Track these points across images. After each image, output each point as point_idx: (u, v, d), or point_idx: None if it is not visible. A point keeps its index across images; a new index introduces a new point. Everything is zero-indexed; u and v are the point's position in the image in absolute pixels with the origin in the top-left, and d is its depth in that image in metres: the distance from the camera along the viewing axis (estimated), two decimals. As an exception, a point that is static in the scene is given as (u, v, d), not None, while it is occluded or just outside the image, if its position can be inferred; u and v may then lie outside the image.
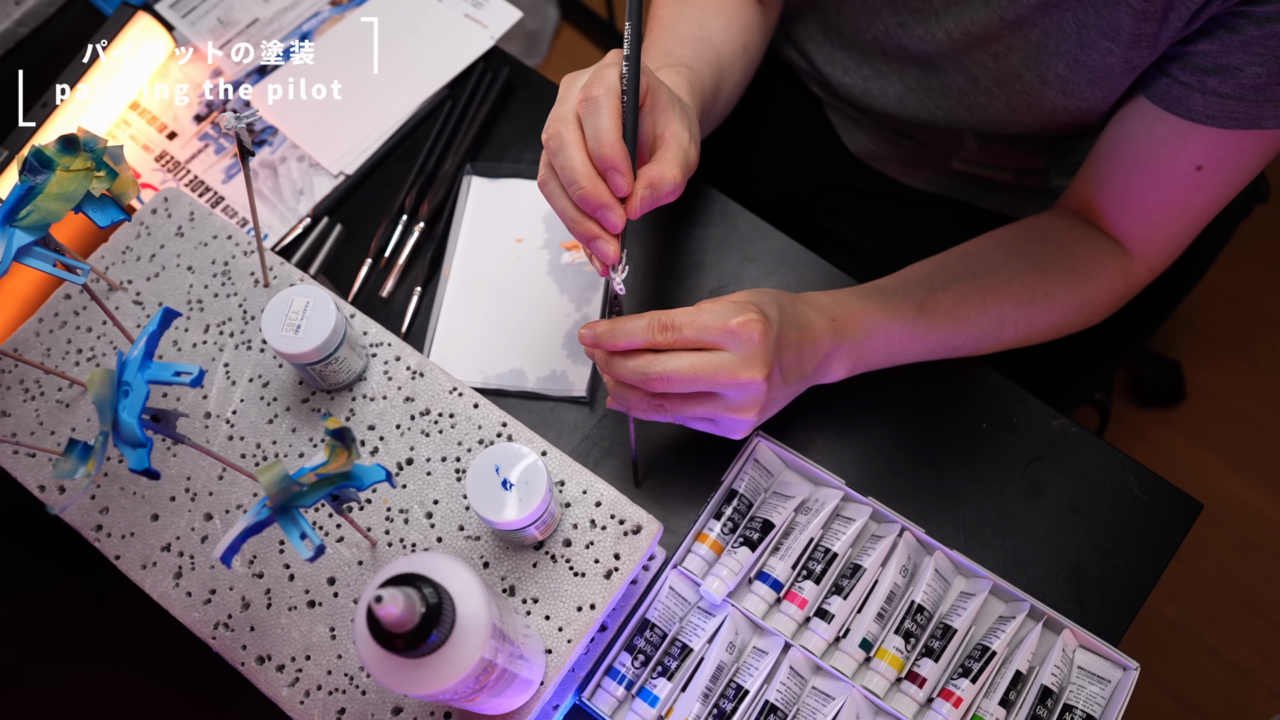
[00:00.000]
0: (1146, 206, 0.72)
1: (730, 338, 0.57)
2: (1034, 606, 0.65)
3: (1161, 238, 0.73)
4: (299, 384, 0.66)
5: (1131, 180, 0.71)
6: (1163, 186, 0.70)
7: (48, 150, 0.51)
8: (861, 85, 0.87)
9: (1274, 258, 1.61)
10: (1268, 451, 1.54)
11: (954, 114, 0.82)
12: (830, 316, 0.65)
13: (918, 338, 0.69)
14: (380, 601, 0.38)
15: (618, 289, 0.57)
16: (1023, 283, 0.72)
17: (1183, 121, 0.65)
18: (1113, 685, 0.65)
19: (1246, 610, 1.45)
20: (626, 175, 0.55)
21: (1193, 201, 0.70)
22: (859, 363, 0.68)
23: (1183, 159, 0.67)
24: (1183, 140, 0.67)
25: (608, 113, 0.54)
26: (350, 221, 0.83)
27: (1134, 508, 0.70)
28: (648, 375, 0.58)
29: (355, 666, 0.59)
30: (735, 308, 0.58)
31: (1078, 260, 0.73)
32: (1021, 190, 0.93)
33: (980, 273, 0.71)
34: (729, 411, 0.61)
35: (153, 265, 0.71)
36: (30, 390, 0.68)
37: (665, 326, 0.57)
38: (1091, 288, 0.73)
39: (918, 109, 0.84)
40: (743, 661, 0.67)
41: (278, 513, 0.44)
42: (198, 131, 0.87)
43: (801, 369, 0.64)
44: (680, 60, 0.71)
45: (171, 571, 0.62)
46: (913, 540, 0.68)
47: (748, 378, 0.58)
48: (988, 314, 0.71)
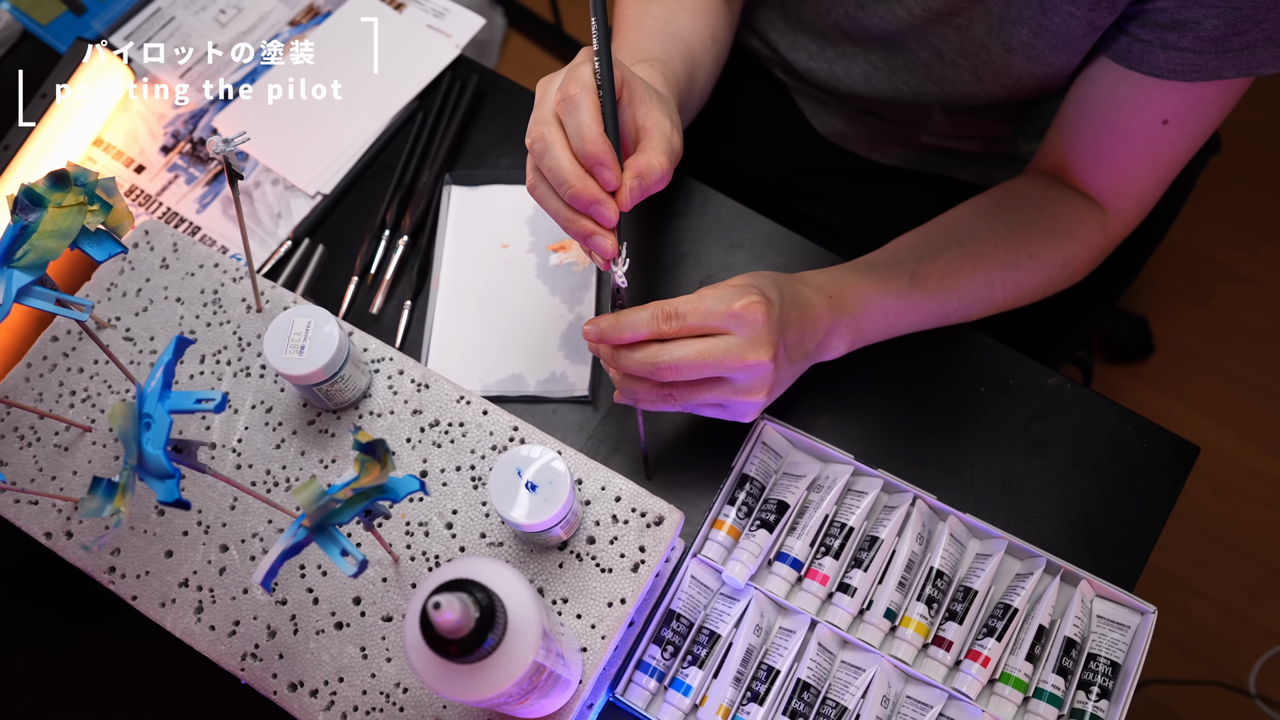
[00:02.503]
0: (1117, 163, 0.74)
1: (734, 321, 0.58)
2: (1050, 561, 0.67)
3: (1134, 193, 0.75)
4: (303, 406, 0.65)
5: (1100, 139, 0.73)
6: (1131, 143, 0.72)
7: (37, 188, 0.50)
8: (827, 69, 0.88)
9: (1223, 207, 1.66)
10: (1236, 396, 1.58)
11: (922, 88, 0.83)
12: (827, 294, 0.66)
13: (912, 308, 0.70)
14: (438, 608, 0.38)
15: (620, 282, 0.57)
16: (1008, 246, 0.73)
17: (1146, 78, 0.67)
18: (1132, 630, 0.66)
19: (1230, 552, 1.49)
20: (614, 168, 0.55)
21: (1161, 155, 0.72)
22: (858, 337, 0.69)
23: (1148, 114, 0.69)
24: (1147, 96, 0.68)
25: (587, 109, 0.54)
26: (332, 241, 0.82)
27: (1134, 456, 0.72)
28: (655, 365, 0.58)
29: (391, 684, 0.58)
30: (737, 291, 0.59)
31: (1057, 220, 0.75)
32: (990, 159, 0.94)
33: (966, 239, 0.73)
34: (738, 395, 0.61)
35: (140, 300, 0.70)
36: (25, 436, 0.66)
37: (669, 315, 0.58)
38: (1073, 246, 0.75)
39: (885, 87, 0.85)
40: (771, 643, 0.67)
41: (315, 532, 0.44)
42: (166, 163, 0.86)
43: (804, 347, 0.65)
44: (651, 55, 0.71)
45: (192, 607, 0.61)
46: (925, 508, 0.69)
47: (755, 359, 0.58)
48: (977, 279, 0.72)
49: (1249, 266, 1.66)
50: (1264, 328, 1.63)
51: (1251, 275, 1.65)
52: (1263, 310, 1.63)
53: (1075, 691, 0.64)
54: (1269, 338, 1.62)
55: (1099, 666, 0.64)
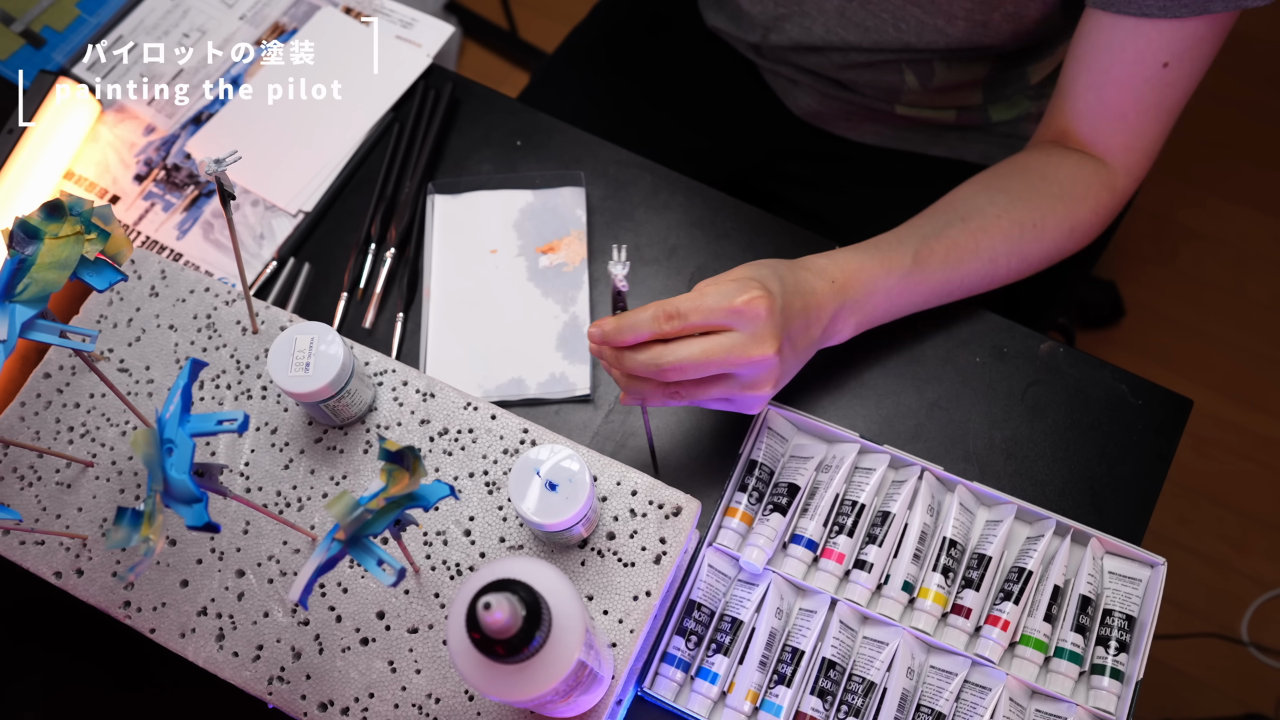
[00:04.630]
0: (1125, 115, 0.73)
1: (737, 317, 0.57)
2: (1059, 522, 0.68)
3: (1143, 144, 0.75)
4: (308, 424, 0.65)
5: (1104, 94, 0.73)
6: (1135, 91, 0.72)
7: (32, 220, 0.49)
8: (797, 9, 0.87)
9: (1177, 167, 1.69)
10: (1206, 353, 1.62)
11: (900, 12, 0.82)
12: (830, 278, 0.66)
13: (915, 287, 0.70)
14: (489, 608, 0.37)
15: (620, 286, 0.56)
16: (1010, 218, 0.73)
17: (1140, 21, 0.67)
18: (1144, 583, 0.67)
19: (1213, 505, 1.52)
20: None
21: (1164, 99, 0.72)
22: (863, 319, 0.69)
23: (1148, 59, 0.69)
24: (1145, 40, 0.69)
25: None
26: (318, 259, 0.82)
27: (1130, 414, 0.73)
28: (660, 366, 0.57)
29: (423, 695, 0.58)
30: (738, 286, 0.58)
31: (1061, 185, 0.74)
32: (964, 130, 0.96)
33: (969, 216, 0.72)
34: (744, 389, 0.61)
35: (131, 330, 0.69)
36: (25, 477, 0.65)
37: (671, 315, 0.57)
38: (1079, 209, 0.74)
39: (862, 16, 0.84)
40: (793, 624, 0.68)
41: (349, 544, 0.43)
42: (141, 191, 0.85)
43: (809, 335, 0.65)
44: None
45: (212, 635, 0.60)
46: (933, 479, 0.70)
47: (760, 354, 0.58)
48: (980, 256, 0.72)
49: (1209, 225, 1.70)
50: (1228, 284, 1.67)
51: (1212, 233, 1.69)
52: (1226, 267, 1.67)
53: (1094, 647, 0.65)
54: (1234, 293, 1.66)
55: (1115, 621, 0.66)
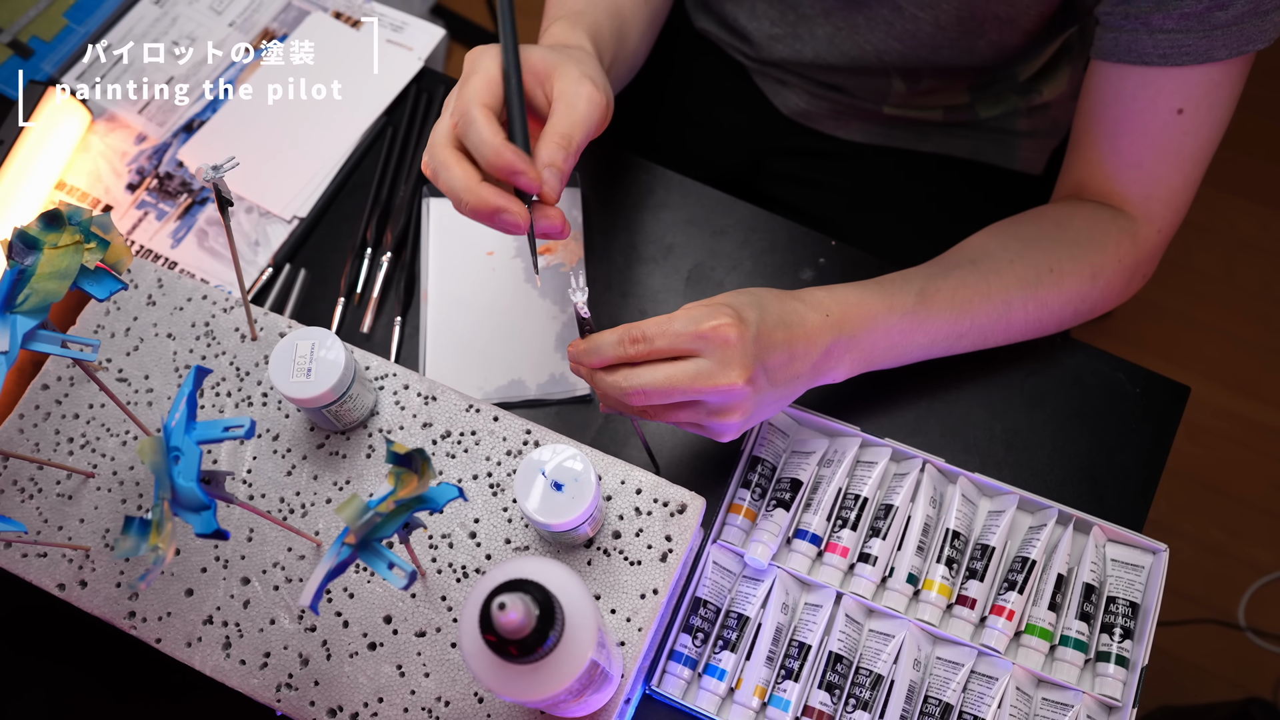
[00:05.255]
0: (1141, 164, 0.71)
1: (703, 343, 0.55)
2: (1060, 511, 0.68)
3: (1163, 193, 0.72)
4: (310, 430, 0.65)
5: (1118, 144, 0.71)
6: (1150, 139, 0.70)
7: (31, 230, 0.49)
8: (790, 32, 0.88)
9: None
10: (1197, 340, 1.63)
11: (884, 45, 0.83)
12: (825, 311, 0.63)
13: (919, 327, 0.67)
14: (503, 608, 0.37)
15: (582, 313, 0.56)
16: (1025, 262, 0.70)
17: (1146, 70, 0.66)
18: (1146, 570, 0.68)
19: (1207, 491, 1.53)
20: (528, 171, 0.55)
21: (1184, 148, 0.70)
22: (861, 358, 0.66)
23: (1160, 106, 0.68)
24: (1155, 88, 0.67)
25: (482, 123, 0.55)
26: (313, 264, 0.81)
27: (1129, 402, 0.74)
28: (623, 390, 0.56)
29: (432, 698, 0.58)
30: (708, 312, 0.56)
31: (1078, 231, 0.72)
32: (951, 127, 0.96)
33: (980, 260, 0.70)
34: (712, 417, 0.59)
35: (129, 340, 0.68)
36: (26, 489, 0.65)
37: (635, 339, 0.56)
38: (1099, 255, 0.71)
39: (847, 46, 0.85)
40: (799, 619, 0.68)
41: (359, 548, 0.43)
42: (134, 200, 0.84)
43: (793, 369, 0.61)
44: (572, 10, 0.69)
45: (219, 643, 0.60)
46: (935, 471, 0.70)
47: (726, 383, 0.56)
48: (992, 299, 0.69)
49: (1198, 214, 1.68)
50: (1215, 272, 1.68)
51: (1201, 222, 1.70)
52: (1212, 254, 1.68)
53: (1099, 635, 0.65)
54: (1220, 281, 1.67)
55: (1119, 608, 0.66)
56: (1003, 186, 0.96)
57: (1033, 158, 0.96)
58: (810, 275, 0.79)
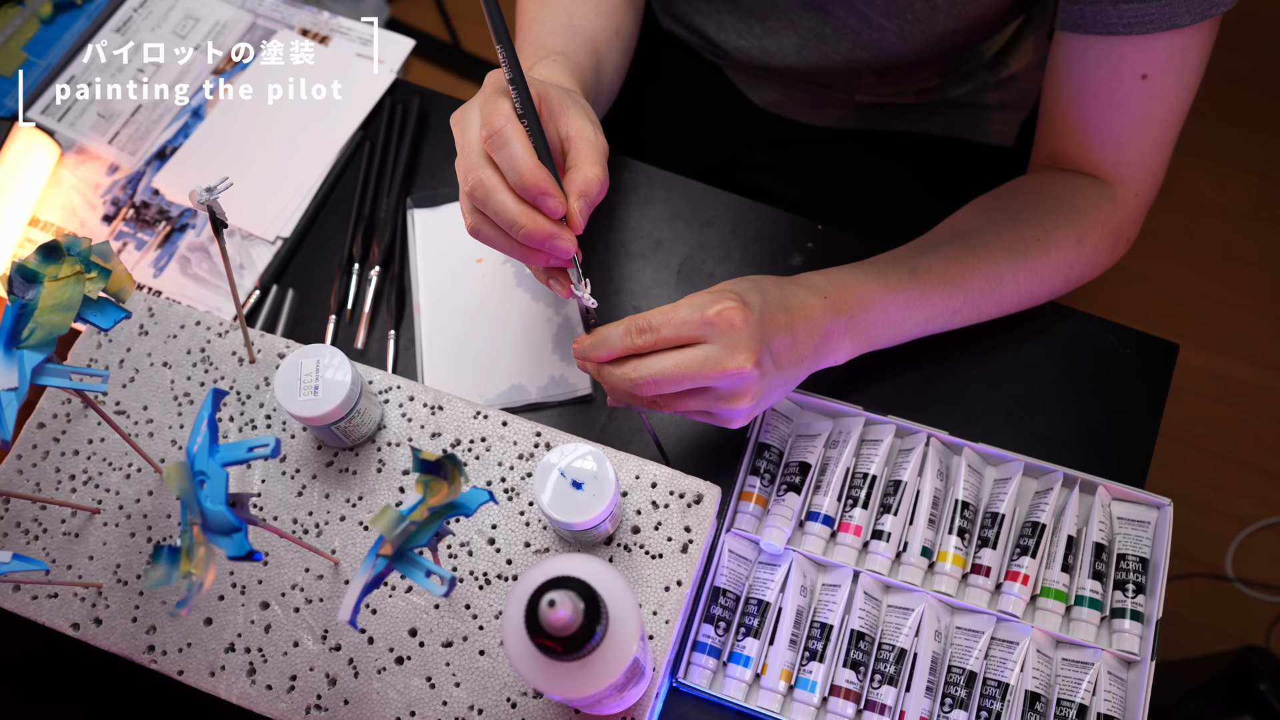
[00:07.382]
0: (1109, 130, 0.72)
1: (709, 329, 0.56)
2: (1065, 474, 0.69)
3: (1134, 158, 0.73)
4: (317, 449, 0.64)
5: (1086, 112, 0.72)
6: (1116, 106, 0.70)
7: (29, 263, 0.48)
8: (757, 44, 0.89)
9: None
10: (1164, 302, 1.66)
11: (851, 54, 0.85)
12: (823, 293, 0.64)
13: (914, 303, 0.68)
14: (553, 605, 0.37)
15: (587, 304, 0.56)
16: (1012, 233, 0.71)
17: (1110, 39, 0.67)
18: (1153, 525, 0.69)
19: (1187, 449, 1.56)
20: (557, 195, 0.54)
21: (1152, 113, 0.70)
22: (860, 338, 0.66)
23: (1124, 73, 0.68)
24: (1118, 56, 0.68)
25: (517, 142, 0.53)
26: (301, 284, 0.81)
27: (1121, 363, 0.75)
28: (633, 381, 0.56)
29: (465, 707, 0.58)
30: (711, 298, 0.57)
31: (1060, 199, 0.73)
32: (923, 108, 0.97)
33: (968, 234, 0.71)
34: (722, 403, 0.59)
35: (125, 371, 0.67)
36: (30, 530, 0.64)
37: (642, 329, 0.56)
38: (1083, 221, 0.72)
39: (815, 56, 0.87)
40: (818, 600, 0.68)
41: (395, 559, 0.43)
42: (111, 231, 0.83)
43: (797, 352, 0.62)
44: (554, 49, 0.69)
45: (243, 670, 0.59)
46: (939, 445, 0.71)
47: (734, 367, 0.56)
48: (983, 271, 0.70)
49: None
50: (1178, 234, 1.71)
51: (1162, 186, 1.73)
52: (1175, 219, 1.72)
53: (1113, 592, 0.67)
54: (1184, 242, 1.71)
55: (1129, 564, 0.67)
56: (977, 160, 0.98)
57: (1004, 130, 0.98)
58: (800, 260, 0.80)
